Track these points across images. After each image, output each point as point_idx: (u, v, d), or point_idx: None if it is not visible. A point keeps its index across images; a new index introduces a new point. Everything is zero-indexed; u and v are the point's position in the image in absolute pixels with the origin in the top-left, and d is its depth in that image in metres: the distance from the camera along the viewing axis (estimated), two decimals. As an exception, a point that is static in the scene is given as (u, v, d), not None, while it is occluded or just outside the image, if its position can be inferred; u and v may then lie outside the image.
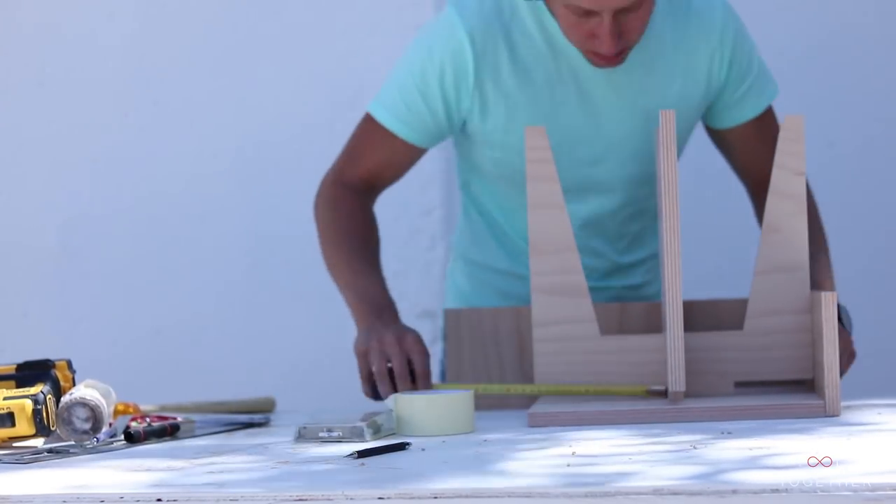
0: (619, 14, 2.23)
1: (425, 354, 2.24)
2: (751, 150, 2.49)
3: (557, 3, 2.26)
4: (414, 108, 2.39)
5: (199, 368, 3.41)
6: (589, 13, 2.23)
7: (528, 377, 2.33)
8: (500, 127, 2.39)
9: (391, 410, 2.03)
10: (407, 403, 2.02)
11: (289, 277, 3.40)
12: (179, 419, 2.11)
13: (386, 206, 3.16)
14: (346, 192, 2.49)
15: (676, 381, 2.10)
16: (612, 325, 2.35)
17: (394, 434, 2.00)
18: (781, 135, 2.18)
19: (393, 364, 2.22)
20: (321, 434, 1.96)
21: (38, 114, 3.46)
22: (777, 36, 3.28)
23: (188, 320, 3.43)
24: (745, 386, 2.22)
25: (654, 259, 2.58)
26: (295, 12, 3.39)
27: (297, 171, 3.38)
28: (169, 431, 2.07)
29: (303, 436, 1.97)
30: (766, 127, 2.48)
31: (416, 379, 2.22)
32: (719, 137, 2.50)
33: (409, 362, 2.23)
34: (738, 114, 2.46)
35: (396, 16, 3.33)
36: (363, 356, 2.26)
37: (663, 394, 2.12)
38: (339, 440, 1.95)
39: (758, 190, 2.49)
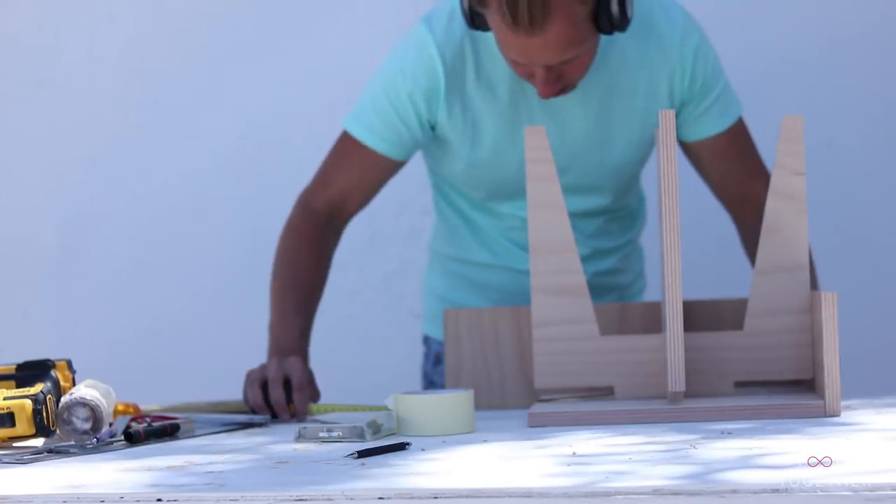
0: (553, 65, 2.25)
1: (304, 371, 2.26)
2: (721, 165, 2.50)
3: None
4: (388, 120, 2.41)
5: (199, 368, 3.41)
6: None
7: (527, 377, 2.33)
8: (468, 141, 2.42)
9: (391, 410, 2.03)
10: (407, 403, 2.01)
11: (289, 277, 3.39)
12: (179, 419, 2.11)
13: (386, 206, 3.17)
14: (307, 221, 2.49)
15: (676, 381, 2.10)
16: (612, 325, 2.35)
17: (394, 434, 2.00)
18: (781, 135, 2.18)
19: (268, 373, 2.25)
20: (321, 434, 1.96)
21: (37, 114, 3.46)
22: (777, 36, 3.28)
23: (188, 320, 3.43)
24: (745, 386, 2.22)
25: (628, 247, 2.61)
26: (294, 12, 3.39)
27: (296, 171, 3.36)
28: (169, 431, 2.07)
29: (303, 436, 1.97)
30: (735, 143, 2.49)
31: (293, 390, 2.24)
32: (686, 149, 2.51)
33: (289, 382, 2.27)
34: (705, 127, 2.47)
35: (396, 15, 3.33)
36: (247, 379, 2.29)
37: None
38: (339, 440, 1.95)
39: (736, 209, 2.52)
